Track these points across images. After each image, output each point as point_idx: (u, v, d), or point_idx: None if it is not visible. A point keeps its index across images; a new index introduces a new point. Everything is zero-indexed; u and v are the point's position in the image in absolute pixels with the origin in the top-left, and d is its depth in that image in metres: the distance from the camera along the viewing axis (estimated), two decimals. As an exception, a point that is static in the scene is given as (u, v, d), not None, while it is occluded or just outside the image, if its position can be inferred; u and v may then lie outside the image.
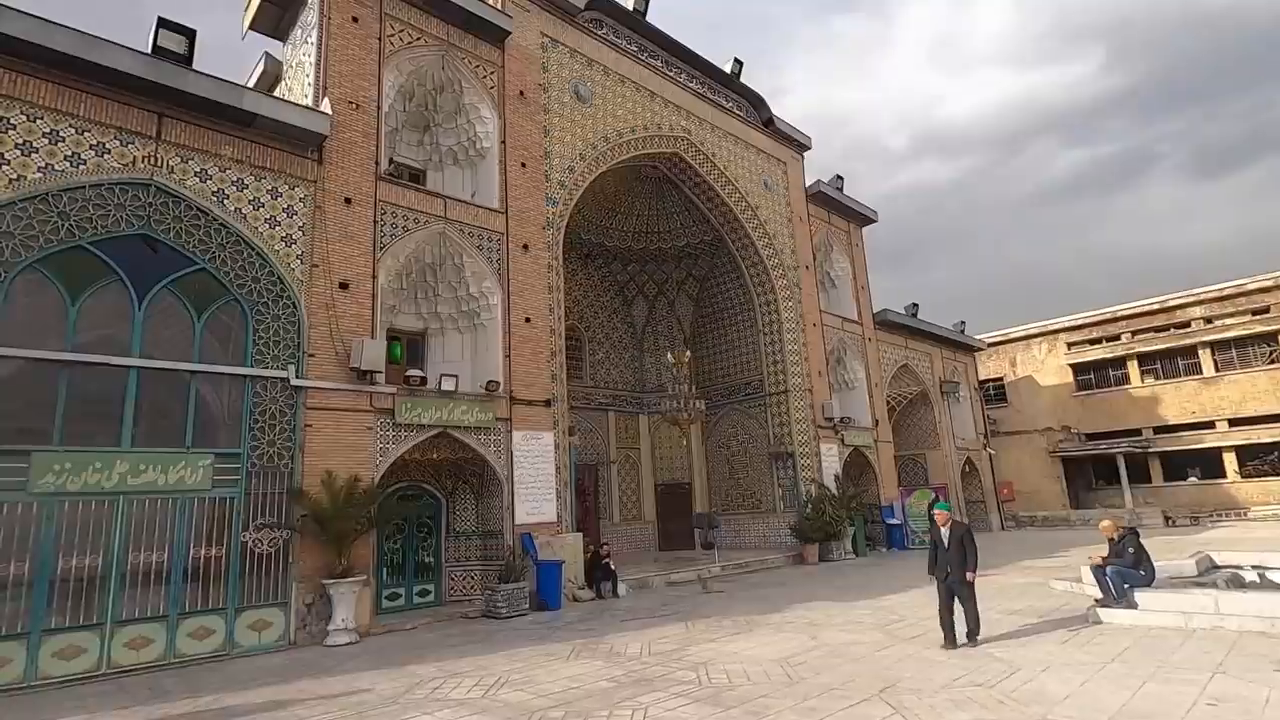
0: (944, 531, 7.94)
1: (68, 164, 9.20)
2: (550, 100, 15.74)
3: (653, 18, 18.77)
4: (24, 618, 8.09)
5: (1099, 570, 8.78)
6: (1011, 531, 28.50)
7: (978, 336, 33.23)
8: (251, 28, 13.90)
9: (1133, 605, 8.41)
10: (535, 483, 13.36)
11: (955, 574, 7.77)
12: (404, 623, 11.23)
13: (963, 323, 29.89)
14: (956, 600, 7.83)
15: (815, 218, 23.76)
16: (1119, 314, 31.70)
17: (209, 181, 10.37)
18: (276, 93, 14.12)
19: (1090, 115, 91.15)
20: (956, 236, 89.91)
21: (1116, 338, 31.83)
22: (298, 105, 11.19)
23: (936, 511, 8.06)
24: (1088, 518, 28.71)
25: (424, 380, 12.11)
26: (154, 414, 9.49)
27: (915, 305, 26.77)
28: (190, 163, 10.25)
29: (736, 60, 21.06)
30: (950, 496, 26.50)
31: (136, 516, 9.02)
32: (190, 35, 10.14)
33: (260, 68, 14.40)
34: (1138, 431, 30.67)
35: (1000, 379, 34.22)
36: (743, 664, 7.41)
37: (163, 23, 9.90)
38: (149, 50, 9.86)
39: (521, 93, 15.13)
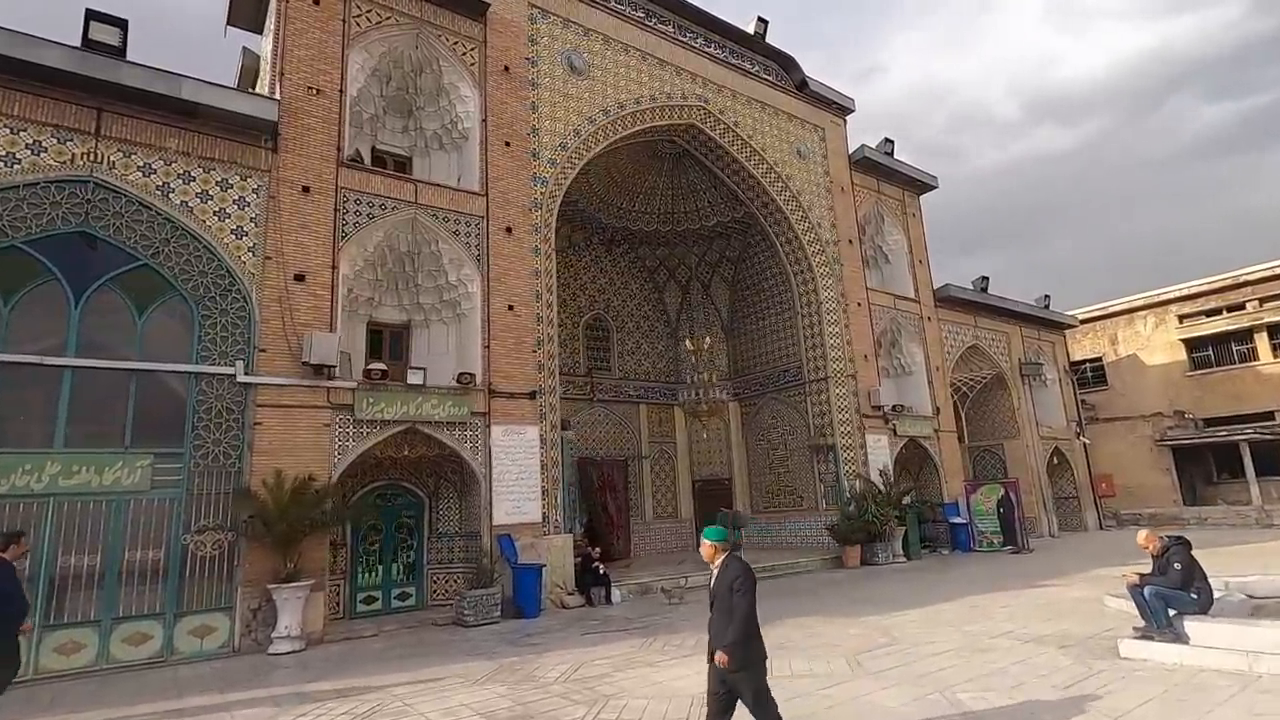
0: (713, 572, 4.53)
1: (1, 164, 9.12)
2: (539, 74, 14.81)
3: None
4: (-54, 622, 7.99)
5: (1136, 592, 6.89)
6: (1111, 532, 25.15)
7: (1070, 312, 29.69)
8: (230, 23, 13.76)
9: (1180, 638, 6.52)
10: (517, 480, 12.51)
11: (719, 645, 4.26)
12: (363, 630, 10.66)
13: (1047, 297, 26.64)
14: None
15: (862, 187, 21.66)
16: (1242, 279, 27.25)
17: (153, 176, 10.11)
18: (257, 87, 13.96)
19: (1238, 64, 79.80)
20: (1078, 208, 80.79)
21: (1240, 306, 27.38)
22: (243, 93, 10.83)
23: (703, 544, 4.57)
24: (1205, 515, 24.93)
25: (385, 374, 11.49)
26: (90, 414, 9.30)
27: (985, 279, 24.00)
28: (133, 157, 10.02)
29: (760, 19, 19.38)
30: (1031, 492, 23.63)
31: (68, 519, 8.83)
32: (123, 26, 9.91)
33: (240, 63, 14.29)
34: (1269, 415, 26.28)
35: (1099, 359, 30.32)
36: (652, 700, 6.21)
37: (93, 15, 9.70)
38: (80, 44, 9.68)
39: (506, 68, 14.29)
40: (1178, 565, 6.65)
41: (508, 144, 13.94)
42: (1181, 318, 28.53)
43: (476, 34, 14.06)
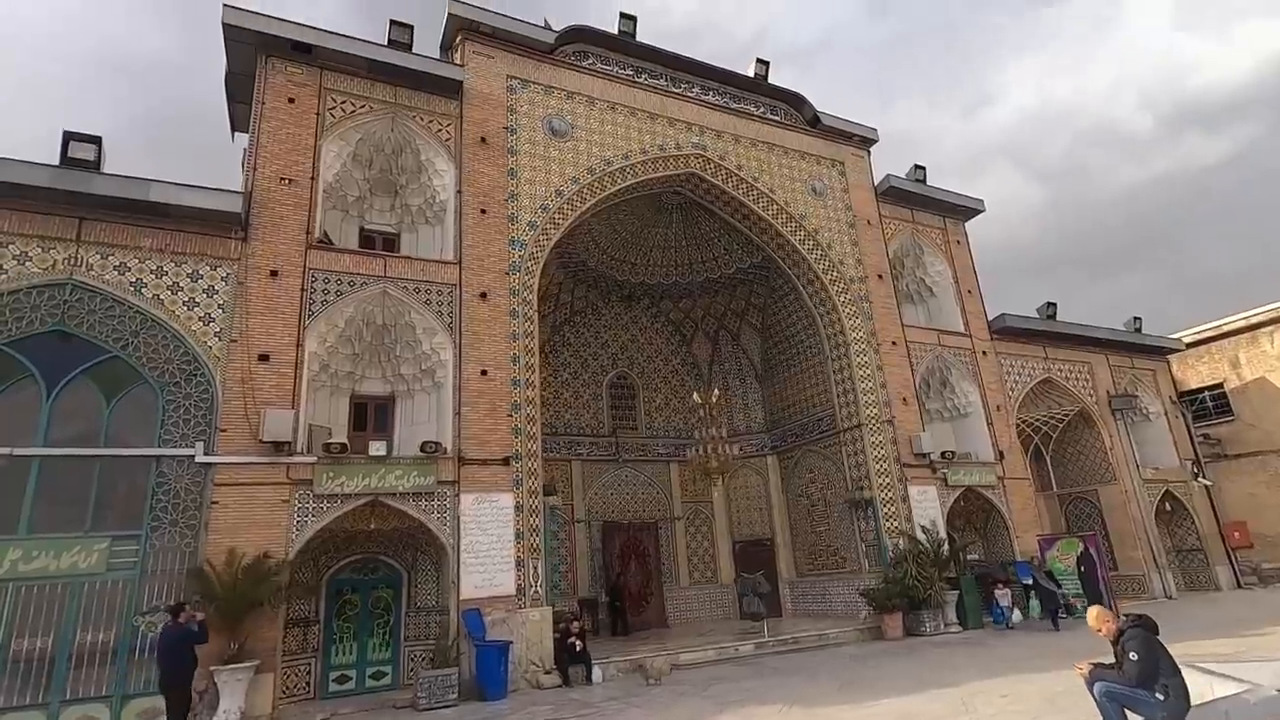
0: None
1: (-10, 276, 10.11)
2: (518, 141, 15.02)
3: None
4: (-98, 705, 8.48)
5: (1091, 688, 5.40)
6: (1251, 591, 21.14)
7: (1176, 334, 26.12)
8: (235, 129, 15.03)
9: (1146, 754, 4.98)
10: (488, 551, 12.06)
11: None
12: (317, 712, 10.40)
13: (1137, 319, 23.53)
14: None
15: (894, 218, 20.30)
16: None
17: (127, 274, 10.90)
18: (258, 183, 14.99)
19: None
20: (1231, 219, 70.19)
21: (1398, 313, 22.98)
22: (209, 189, 11.52)
23: None
24: (1375, 569, 20.44)
25: (345, 447, 11.53)
26: (55, 499, 9.84)
27: (1051, 305, 21.53)
28: (110, 258, 10.86)
29: (760, 61, 18.95)
30: (1136, 545, 20.40)
31: (24, 603, 9.25)
32: (97, 142, 10.90)
33: (242, 161, 15.43)
34: None
35: (1219, 385, 26.23)
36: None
37: (70, 135, 10.74)
38: (59, 162, 10.71)
39: (483, 139, 14.59)
40: (1134, 656, 5.15)
41: (483, 211, 14.09)
42: (1318, 331, 24.32)
43: (452, 110, 14.51)
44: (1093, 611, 5.63)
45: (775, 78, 19.17)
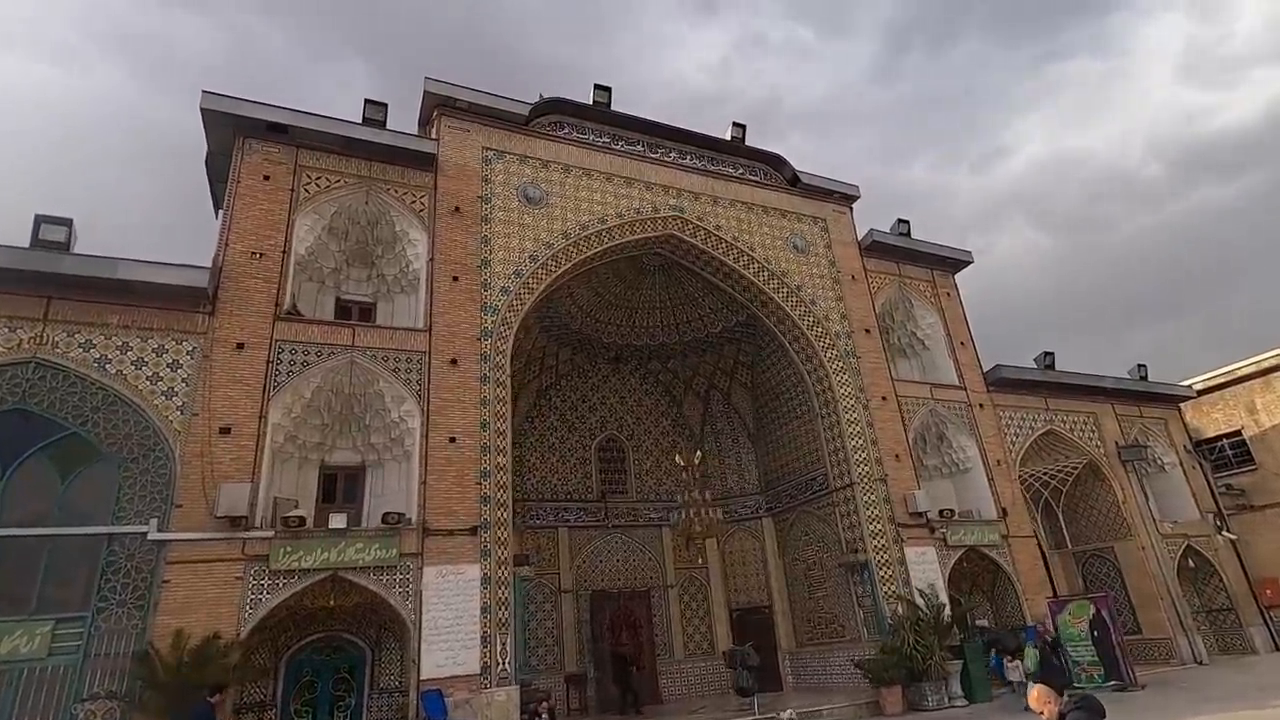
0: None
1: (-47, 357, 10.22)
2: (492, 209, 15.24)
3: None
4: None
5: (1041, 781, 4.84)
6: (1289, 652, 19.73)
7: (1186, 381, 25.35)
8: (217, 208, 15.42)
9: None
10: (452, 627, 11.57)
11: None
12: (262, 807, 9.82)
13: (1142, 367, 22.90)
14: None
15: (879, 272, 20.17)
16: None
17: (92, 350, 10.98)
18: (239, 258, 15.28)
19: None
20: (1255, 262, 68.57)
21: None
22: (177, 266, 11.69)
23: None
24: None
25: (303, 521, 11.27)
26: (2, 581, 9.65)
27: (1049, 354, 21.04)
28: (76, 335, 10.96)
29: (736, 124, 19.30)
30: (1158, 606, 19.23)
31: (-42, 692, 8.96)
32: (68, 224, 11.19)
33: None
34: None
35: (1237, 433, 25.21)
36: None
37: (42, 218, 11.05)
38: (30, 244, 10.98)
39: (457, 208, 14.83)
40: (1080, 743, 4.62)
41: (456, 279, 14.18)
42: (1335, 373, 23.44)
43: (425, 182, 14.81)
44: (1033, 691, 5.09)
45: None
